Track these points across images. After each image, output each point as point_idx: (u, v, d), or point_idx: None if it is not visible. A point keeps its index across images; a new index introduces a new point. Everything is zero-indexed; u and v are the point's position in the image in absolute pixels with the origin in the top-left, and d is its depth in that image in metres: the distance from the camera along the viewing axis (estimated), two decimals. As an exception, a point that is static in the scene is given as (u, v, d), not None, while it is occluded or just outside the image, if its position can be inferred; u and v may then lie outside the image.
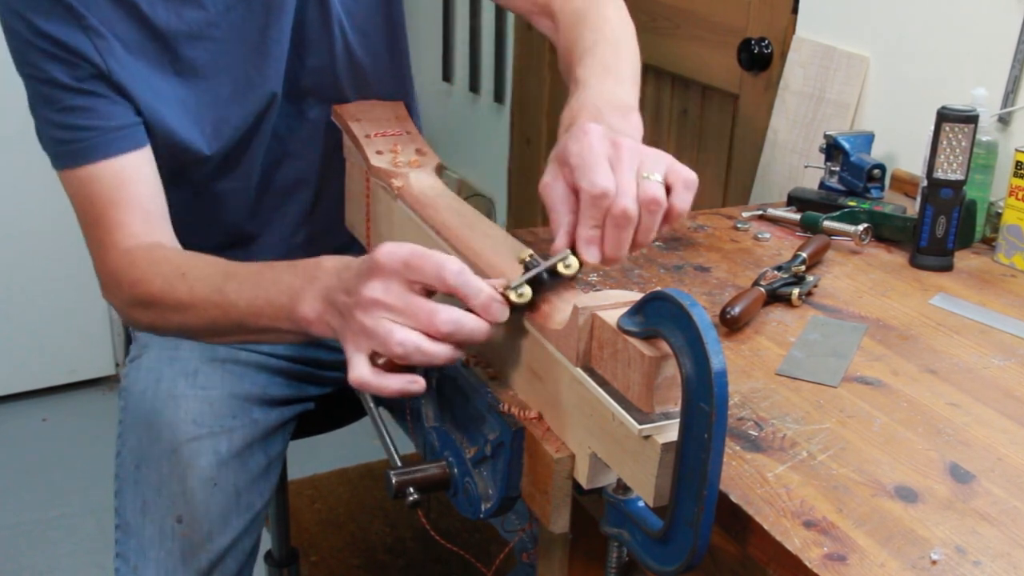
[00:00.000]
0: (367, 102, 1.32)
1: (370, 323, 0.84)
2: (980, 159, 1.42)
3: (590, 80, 1.04)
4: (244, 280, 1.01)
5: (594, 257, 0.86)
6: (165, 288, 1.08)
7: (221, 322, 1.04)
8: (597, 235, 0.85)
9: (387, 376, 0.85)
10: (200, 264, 1.08)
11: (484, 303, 0.83)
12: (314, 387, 1.47)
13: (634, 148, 0.87)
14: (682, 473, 0.72)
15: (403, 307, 0.83)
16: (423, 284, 0.84)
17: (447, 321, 0.82)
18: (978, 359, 1.12)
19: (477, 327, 0.83)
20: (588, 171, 0.85)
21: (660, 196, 0.85)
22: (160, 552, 1.23)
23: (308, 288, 0.93)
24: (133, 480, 1.28)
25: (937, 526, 0.83)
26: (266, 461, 1.37)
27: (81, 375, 2.92)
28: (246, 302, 1.00)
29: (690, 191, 0.88)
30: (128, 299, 1.13)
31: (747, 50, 1.98)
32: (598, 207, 0.84)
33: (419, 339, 0.82)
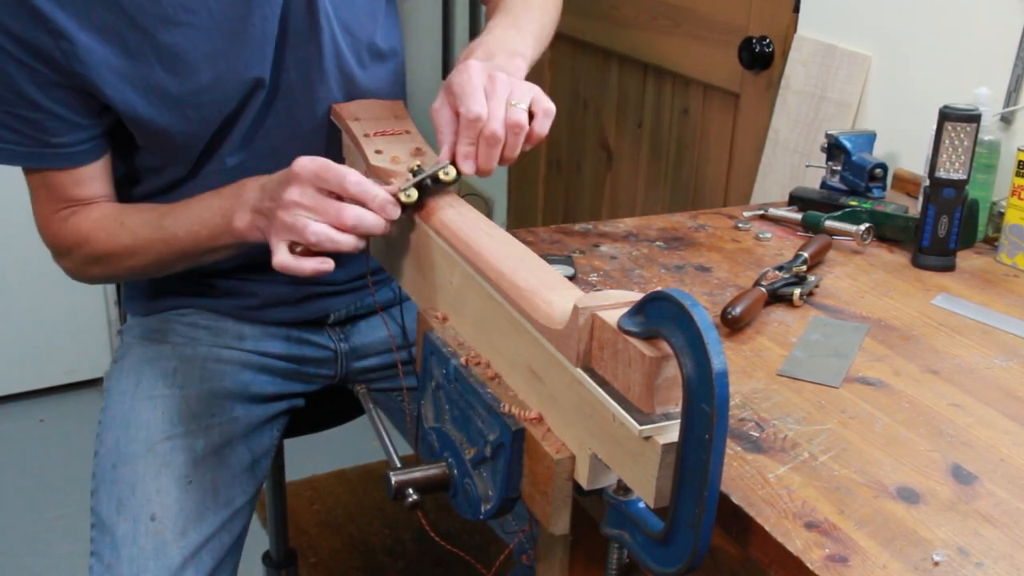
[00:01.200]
0: (366, 101, 1.31)
1: (289, 219, 1.03)
2: (982, 158, 1.42)
3: (495, 28, 1.25)
4: (179, 214, 1.20)
5: (469, 169, 1.05)
6: (110, 240, 1.23)
7: (167, 255, 1.22)
8: (472, 151, 1.05)
9: (303, 260, 1.05)
10: (136, 211, 1.24)
11: (380, 204, 1.02)
12: (300, 384, 1.47)
13: (506, 80, 1.06)
14: (683, 474, 0.71)
15: (315, 206, 1.03)
16: (330, 190, 1.03)
17: (351, 216, 1.02)
18: (980, 360, 1.12)
19: (375, 222, 1.03)
20: (466, 98, 1.04)
21: (523, 121, 1.05)
22: (132, 549, 1.23)
23: (237, 204, 1.13)
24: (110, 480, 1.29)
25: (939, 527, 0.83)
26: (250, 457, 1.37)
27: (78, 376, 2.92)
28: (185, 231, 1.18)
29: (548, 118, 1.08)
30: (80, 259, 1.28)
31: (748, 49, 1.98)
32: (473, 128, 1.04)
33: (329, 230, 1.02)
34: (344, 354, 1.48)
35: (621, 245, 1.40)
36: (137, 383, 1.35)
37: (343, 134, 1.29)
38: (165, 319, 1.43)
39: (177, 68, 1.18)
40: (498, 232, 1.01)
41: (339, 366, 1.49)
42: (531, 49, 1.25)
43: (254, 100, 1.25)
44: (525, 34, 1.26)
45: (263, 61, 1.23)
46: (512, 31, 1.25)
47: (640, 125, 2.41)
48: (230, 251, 1.20)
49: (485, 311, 0.95)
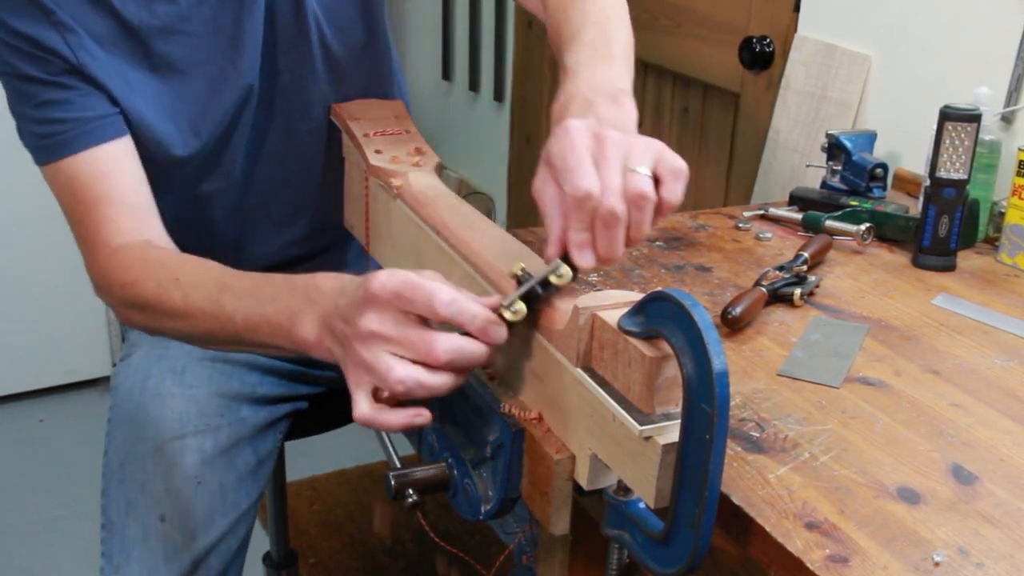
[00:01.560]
0: (366, 101, 1.31)
1: (369, 357, 0.83)
2: (983, 158, 1.42)
3: (579, 68, 1.00)
4: (240, 294, 1.00)
5: (588, 261, 0.83)
6: (160, 293, 1.06)
7: (218, 334, 1.04)
8: (588, 238, 0.83)
9: (391, 412, 0.86)
10: (194, 270, 1.07)
11: (481, 327, 0.82)
12: (306, 386, 1.46)
13: (619, 141, 0.83)
14: (683, 474, 0.71)
15: (400, 338, 0.83)
16: (418, 314, 0.83)
17: (446, 351, 0.82)
18: (981, 360, 1.12)
19: (477, 351, 0.83)
20: (570, 173, 0.82)
21: (648, 190, 0.82)
22: (143, 551, 1.22)
23: (306, 311, 0.92)
24: (118, 479, 1.28)
25: (940, 528, 0.83)
26: (255, 459, 1.37)
27: (78, 376, 2.91)
28: (243, 317, 0.99)
29: (680, 181, 0.84)
30: (121, 300, 1.13)
31: (748, 48, 1.98)
32: (584, 210, 0.81)
33: (419, 373, 0.82)
34: None
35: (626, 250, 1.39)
36: (145, 381, 1.34)
37: (343, 134, 1.29)
38: None
39: (172, 76, 1.18)
40: (498, 231, 1.01)
41: None
42: (628, 78, 1.03)
43: (248, 107, 1.24)
44: (615, 62, 1.03)
45: (253, 67, 1.22)
46: (599, 65, 1.01)
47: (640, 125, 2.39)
48: (287, 354, 1.05)
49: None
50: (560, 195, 0.84)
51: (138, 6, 1.14)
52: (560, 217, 0.84)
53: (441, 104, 3.33)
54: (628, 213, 0.81)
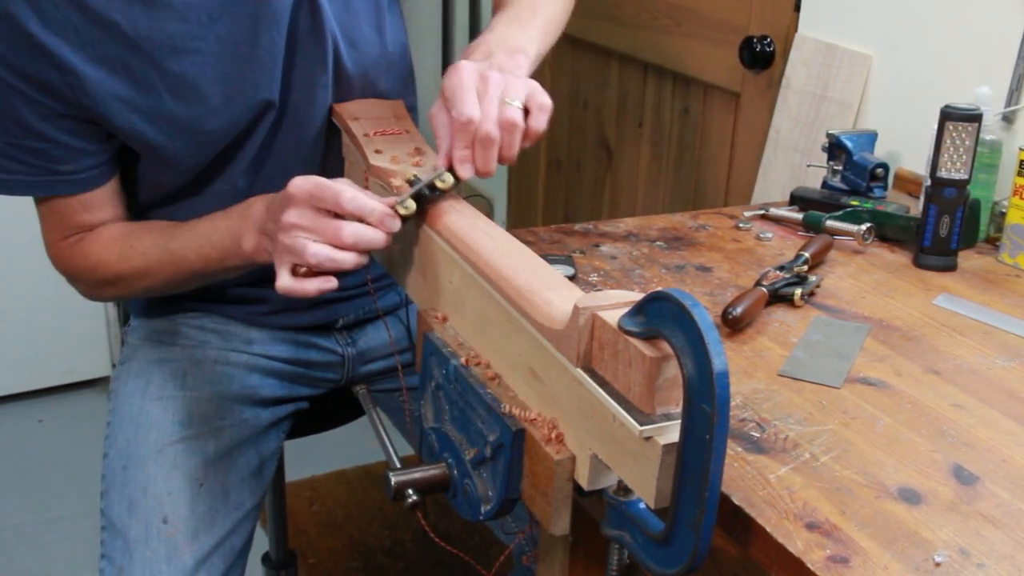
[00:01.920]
0: (366, 100, 1.31)
1: (289, 241, 1.02)
2: (984, 158, 1.42)
3: (496, 26, 1.21)
4: (187, 235, 1.18)
5: (467, 173, 1.03)
6: (121, 263, 1.23)
7: (179, 276, 1.21)
8: (468, 155, 1.03)
9: (306, 281, 1.03)
10: (144, 231, 1.24)
11: (378, 218, 1.01)
12: (306, 387, 1.46)
13: (499, 79, 1.03)
14: (683, 475, 0.71)
15: (313, 226, 1.01)
16: (328, 209, 1.01)
17: (350, 234, 1.00)
18: (982, 360, 1.12)
19: (375, 236, 1.01)
20: (457, 101, 1.02)
21: (517, 119, 1.02)
22: (145, 552, 1.23)
23: (245, 225, 1.11)
24: (120, 481, 1.28)
25: (941, 528, 0.83)
26: (258, 460, 1.37)
27: (77, 376, 2.91)
28: (195, 253, 1.18)
29: (544, 113, 1.05)
30: (92, 283, 1.28)
31: (749, 48, 1.97)
32: (466, 131, 1.01)
33: (329, 250, 1.00)
34: (351, 358, 1.48)
35: (621, 245, 1.39)
36: (146, 384, 1.35)
37: (343, 134, 1.29)
38: (172, 321, 1.42)
39: (186, 95, 1.18)
40: (498, 232, 1.01)
41: (345, 370, 1.49)
42: (536, 43, 1.21)
43: (264, 122, 1.24)
44: (529, 28, 1.22)
45: (272, 84, 1.22)
46: (515, 27, 1.22)
47: (640, 125, 2.41)
48: (242, 270, 1.20)
49: (485, 311, 0.94)
50: (449, 120, 1.04)
51: (149, 28, 1.14)
52: (448, 137, 1.04)
53: (441, 104, 3.33)
54: (501, 137, 1.02)
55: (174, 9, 1.14)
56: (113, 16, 1.12)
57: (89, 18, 1.12)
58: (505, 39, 1.17)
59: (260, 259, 1.11)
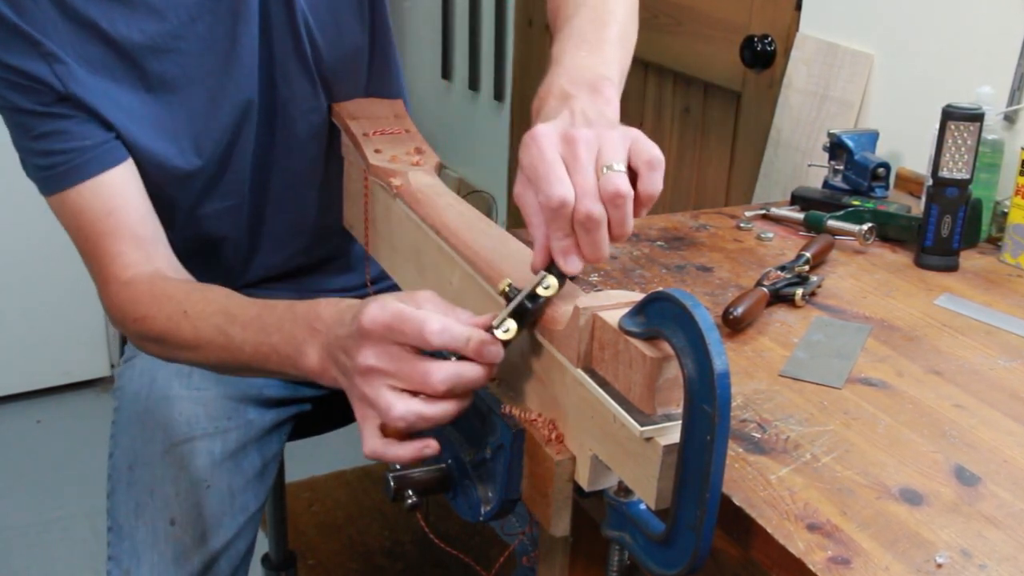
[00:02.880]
0: (365, 100, 1.31)
1: (370, 393, 0.84)
2: (986, 158, 1.41)
3: (562, 56, 0.98)
4: (246, 325, 1.00)
5: (574, 267, 0.82)
6: (170, 327, 1.07)
7: (229, 363, 1.04)
8: (571, 244, 0.81)
9: (398, 445, 0.86)
10: (200, 301, 1.07)
11: (475, 349, 0.81)
12: (309, 388, 1.46)
13: (590, 140, 0.81)
14: (684, 475, 0.71)
15: (396, 372, 0.82)
16: (412, 345, 0.82)
17: (443, 380, 0.81)
18: (984, 360, 1.11)
19: (475, 375, 0.82)
20: (542, 183, 0.80)
21: (622, 188, 0.80)
22: (153, 554, 1.22)
23: (310, 341, 0.92)
24: (126, 482, 1.27)
25: (942, 529, 0.82)
26: (261, 462, 1.36)
27: (76, 376, 2.91)
28: (251, 347, 0.99)
29: (656, 171, 0.82)
30: (135, 334, 1.13)
31: (750, 47, 1.97)
32: (562, 217, 0.80)
33: (418, 407, 0.82)
34: None
35: (622, 245, 1.39)
36: (152, 383, 1.34)
37: (342, 134, 1.29)
38: None
39: (168, 96, 1.16)
40: (498, 232, 1.01)
41: None
42: (617, 64, 1.00)
43: (249, 123, 1.23)
44: (603, 46, 1.01)
45: (251, 81, 1.20)
46: (586, 49, 0.99)
47: (641, 124, 2.40)
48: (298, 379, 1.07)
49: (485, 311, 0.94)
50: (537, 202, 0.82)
51: (128, 27, 1.12)
52: (542, 225, 0.82)
53: (441, 103, 3.33)
54: (607, 213, 0.80)
55: (154, 8, 1.13)
56: (92, 16, 1.11)
57: (68, 17, 1.10)
58: (580, 71, 0.95)
59: (325, 383, 0.93)
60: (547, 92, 0.94)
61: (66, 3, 1.10)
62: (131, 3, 1.12)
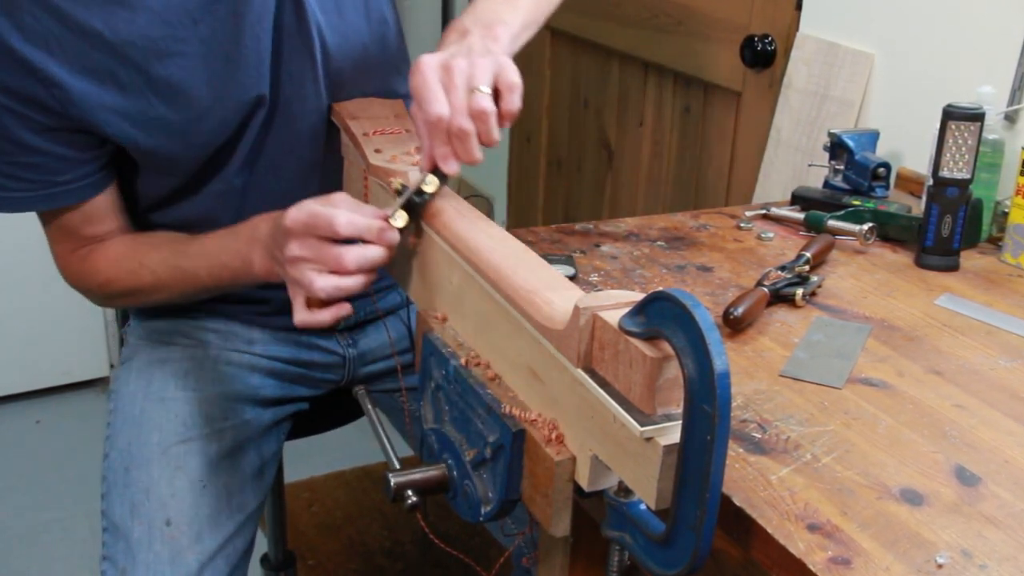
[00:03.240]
0: (365, 100, 1.30)
1: (297, 275, 1.03)
2: (986, 157, 1.41)
3: (476, 3, 1.16)
4: (196, 254, 1.20)
5: (453, 168, 1.02)
6: (131, 279, 1.25)
7: (191, 291, 1.24)
8: (448, 151, 1.01)
9: (320, 312, 1.05)
10: (152, 247, 1.25)
11: (376, 235, 1.01)
12: (307, 388, 1.46)
13: (462, 66, 1.00)
14: (684, 475, 0.71)
15: (315, 256, 1.01)
16: (325, 236, 1.01)
17: (352, 260, 1.00)
18: (984, 360, 1.11)
19: (377, 254, 1.01)
20: (423, 101, 1.00)
21: (487, 106, 0.99)
22: (148, 555, 1.22)
23: (252, 250, 1.12)
24: (122, 483, 1.27)
25: (943, 529, 0.82)
26: (259, 462, 1.36)
27: (75, 376, 2.91)
28: (205, 271, 1.20)
29: (514, 92, 1.02)
30: (104, 295, 1.31)
31: (750, 47, 1.97)
32: (439, 129, 1.00)
33: (335, 280, 1.01)
34: (352, 359, 1.47)
35: (622, 245, 1.39)
36: (148, 385, 1.34)
37: (342, 133, 1.29)
38: (173, 321, 1.42)
39: (174, 99, 1.17)
40: (498, 232, 1.01)
41: (346, 371, 1.48)
42: (522, 13, 1.16)
43: (255, 119, 1.24)
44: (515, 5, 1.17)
45: (261, 79, 1.21)
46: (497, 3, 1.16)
47: (641, 124, 2.40)
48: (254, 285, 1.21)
49: (485, 311, 0.94)
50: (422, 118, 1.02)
51: (131, 33, 1.13)
52: (427, 137, 1.01)
53: (441, 104, 3.32)
54: (476, 126, 0.99)
55: (155, 13, 1.13)
56: (94, 25, 1.11)
57: (70, 29, 1.11)
58: (484, 13, 1.13)
59: (273, 280, 1.12)
60: (451, 27, 1.12)
61: (67, 14, 1.10)
62: (132, 8, 1.12)
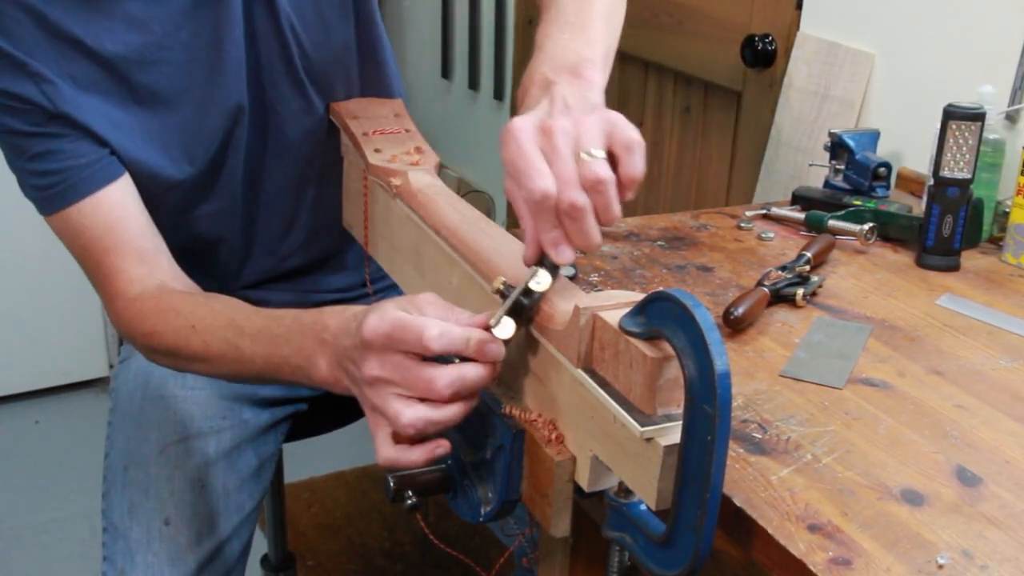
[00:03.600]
0: (365, 99, 1.30)
1: (379, 402, 0.85)
2: (987, 157, 1.41)
3: (545, 42, 0.98)
4: (255, 337, 1.01)
5: (566, 257, 0.82)
6: (180, 341, 1.08)
7: (242, 374, 1.05)
8: (559, 235, 0.82)
9: (411, 450, 0.87)
10: (207, 315, 1.07)
11: (476, 350, 0.83)
12: (306, 388, 1.45)
13: (567, 129, 0.82)
14: (685, 476, 0.71)
15: (401, 380, 0.83)
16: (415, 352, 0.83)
17: (448, 384, 0.82)
18: (985, 360, 1.11)
19: (478, 375, 0.83)
20: (522, 177, 0.81)
21: (603, 174, 0.80)
22: (147, 555, 1.22)
23: (319, 352, 0.93)
24: (121, 482, 1.27)
25: (944, 530, 0.82)
26: (257, 462, 1.36)
27: (74, 377, 2.90)
28: (262, 359, 1.00)
29: (635, 154, 0.82)
30: (145, 348, 1.14)
31: (751, 47, 1.97)
32: (546, 209, 0.81)
33: (426, 412, 0.83)
34: None
35: (622, 245, 1.39)
36: (147, 384, 1.34)
37: (341, 133, 1.28)
38: None
39: (157, 108, 1.16)
40: (498, 231, 1.01)
41: None
42: (601, 45, 0.99)
43: (240, 128, 1.22)
44: (586, 26, 1.00)
45: (239, 86, 1.20)
46: (567, 32, 0.98)
47: (641, 124, 2.40)
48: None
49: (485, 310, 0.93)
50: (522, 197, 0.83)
51: (113, 41, 1.11)
52: (530, 219, 0.83)
53: (441, 103, 3.32)
54: (591, 200, 0.80)
55: (137, 21, 1.12)
56: (76, 33, 1.10)
57: (52, 35, 1.09)
58: (562, 55, 0.94)
59: (338, 391, 0.94)
60: (530, 81, 0.93)
61: (49, 22, 1.08)
62: (113, 17, 1.10)
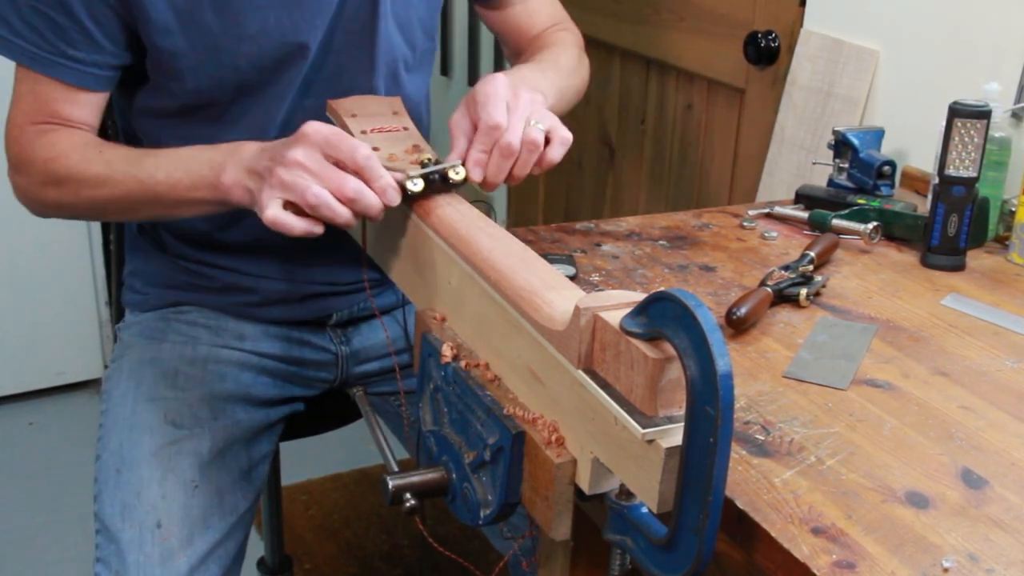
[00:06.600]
0: (363, 97, 1.30)
1: (289, 178, 1.00)
2: (993, 155, 1.41)
3: (521, 69, 1.27)
4: (163, 157, 1.15)
5: (478, 175, 1.05)
6: (81, 163, 1.18)
7: (137, 194, 1.16)
8: (484, 159, 1.05)
9: (294, 217, 1.01)
10: (119, 146, 1.21)
11: (382, 186, 1.00)
12: (300, 388, 1.45)
13: (529, 99, 1.08)
14: (687, 478, 0.70)
15: (319, 171, 1.00)
16: (338, 160, 1.00)
17: (352, 188, 0.99)
18: (991, 361, 1.11)
19: (374, 202, 1.00)
20: (488, 107, 1.05)
21: (539, 140, 1.06)
22: (139, 556, 1.22)
23: (230, 159, 1.08)
24: (114, 484, 1.27)
25: (949, 533, 0.82)
26: (250, 462, 1.36)
27: (69, 378, 2.90)
28: (164, 174, 1.13)
29: (564, 147, 1.09)
30: (40, 176, 1.21)
31: (753, 44, 1.96)
32: (490, 136, 1.04)
33: (328, 196, 0.99)
34: (345, 357, 1.47)
35: (623, 244, 1.38)
36: (138, 385, 1.34)
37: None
38: (164, 316, 1.42)
39: (227, 11, 1.18)
40: (498, 231, 1.00)
41: (339, 370, 1.47)
42: (552, 96, 1.23)
43: (293, 68, 1.25)
44: (550, 82, 1.26)
45: (314, 29, 1.23)
46: (537, 74, 1.26)
47: (643, 122, 2.39)
48: (204, 209, 1.15)
49: (484, 312, 0.93)
50: (471, 129, 1.07)
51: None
52: (466, 140, 1.06)
53: (440, 100, 3.32)
54: (520, 153, 1.04)
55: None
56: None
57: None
58: (527, 79, 1.19)
59: (235, 197, 1.08)
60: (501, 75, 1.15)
61: None
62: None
